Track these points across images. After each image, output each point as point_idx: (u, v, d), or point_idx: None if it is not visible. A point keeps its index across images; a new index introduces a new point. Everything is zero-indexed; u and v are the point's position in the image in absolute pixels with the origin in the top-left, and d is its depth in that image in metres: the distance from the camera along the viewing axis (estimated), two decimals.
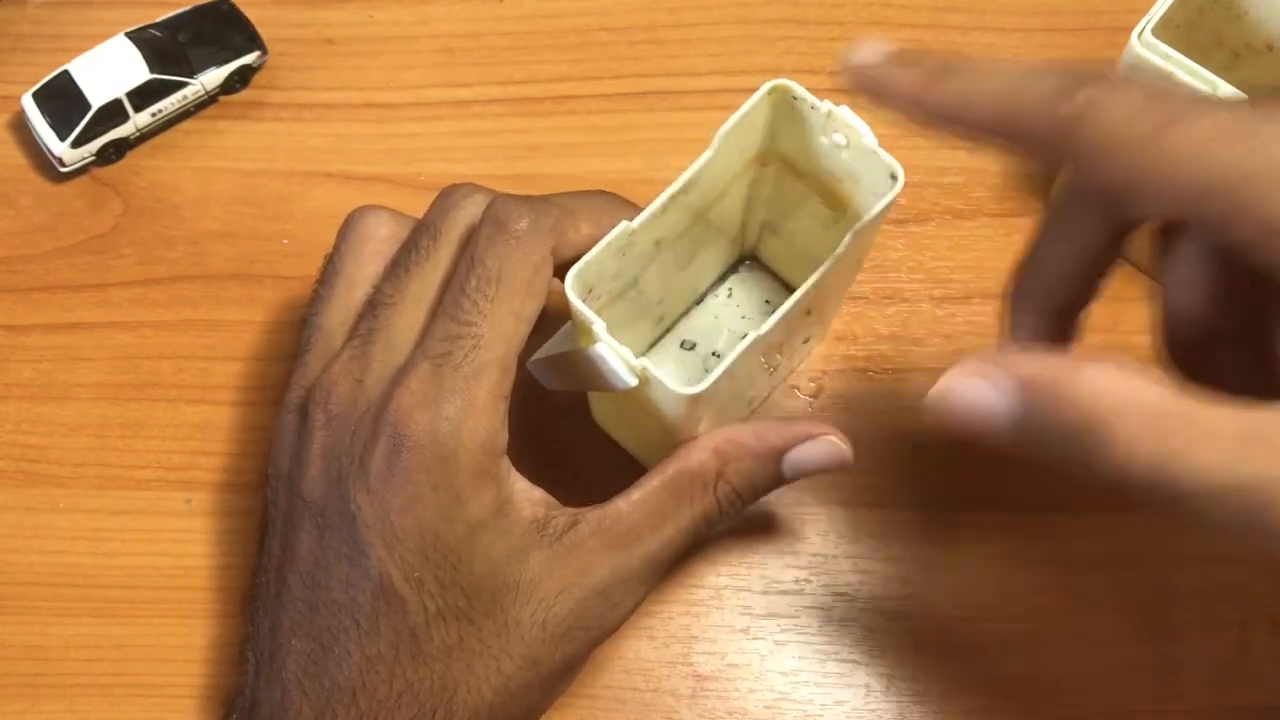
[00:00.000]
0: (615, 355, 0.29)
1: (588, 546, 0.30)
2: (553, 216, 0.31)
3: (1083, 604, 0.37)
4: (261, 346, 0.41)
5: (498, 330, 0.29)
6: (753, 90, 0.46)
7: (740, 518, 0.38)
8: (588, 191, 0.33)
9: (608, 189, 0.44)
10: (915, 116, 0.26)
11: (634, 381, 0.30)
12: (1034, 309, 0.30)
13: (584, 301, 0.30)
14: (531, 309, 0.30)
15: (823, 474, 0.33)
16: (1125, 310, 0.42)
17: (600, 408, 0.38)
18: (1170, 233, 0.27)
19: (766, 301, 0.40)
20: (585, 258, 0.30)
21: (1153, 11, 0.36)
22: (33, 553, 0.38)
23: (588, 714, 0.36)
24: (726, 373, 0.30)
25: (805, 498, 0.39)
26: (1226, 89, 0.34)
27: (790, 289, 0.41)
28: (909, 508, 0.39)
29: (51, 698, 0.36)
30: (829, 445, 0.32)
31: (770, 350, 0.33)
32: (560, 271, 0.31)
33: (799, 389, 0.40)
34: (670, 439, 0.33)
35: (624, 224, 0.31)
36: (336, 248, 0.34)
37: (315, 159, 0.44)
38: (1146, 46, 0.35)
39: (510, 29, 0.46)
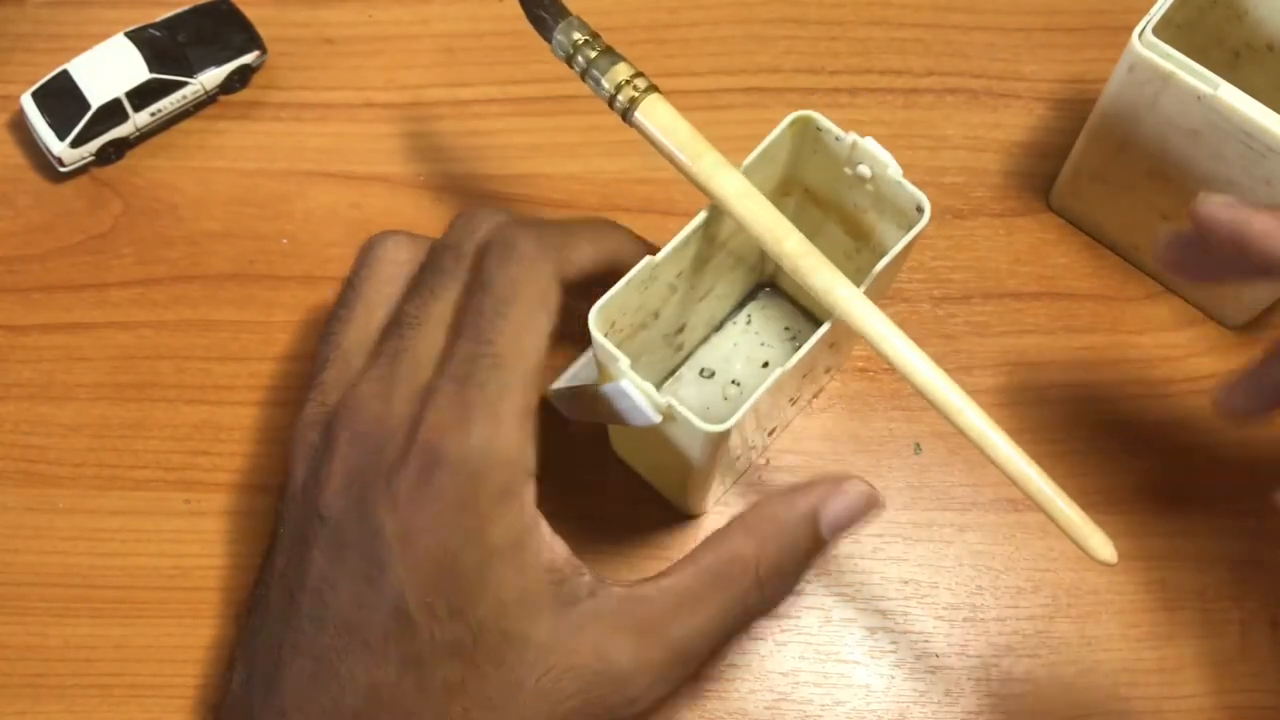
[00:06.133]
0: (639, 392, 0.29)
1: (606, 624, 0.29)
2: (556, 236, 0.32)
3: (1083, 604, 0.37)
4: (261, 346, 0.41)
5: (515, 347, 0.30)
6: (753, 89, 0.46)
7: None
8: (590, 218, 0.34)
9: (608, 188, 0.44)
10: (1267, 261, 0.29)
11: (658, 418, 0.29)
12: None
13: (606, 335, 0.30)
14: (545, 324, 0.30)
15: (859, 525, 0.31)
16: (1127, 310, 0.42)
17: (620, 439, 0.38)
18: None
19: (786, 328, 0.40)
20: (609, 294, 0.30)
21: (1153, 11, 0.36)
22: (33, 553, 0.38)
23: None
24: (751, 408, 0.29)
25: None
26: (1227, 89, 0.34)
27: (810, 315, 0.40)
28: (909, 508, 0.39)
29: (51, 698, 0.36)
30: (858, 490, 0.30)
31: (793, 382, 0.32)
32: (567, 290, 0.31)
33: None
34: (692, 472, 0.33)
35: (647, 259, 0.31)
36: (356, 272, 0.34)
37: (315, 159, 0.44)
38: (1147, 46, 0.35)
39: (510, 29, 0.46)
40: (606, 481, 0.39)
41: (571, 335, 0.32)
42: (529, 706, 0.28)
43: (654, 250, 0.32)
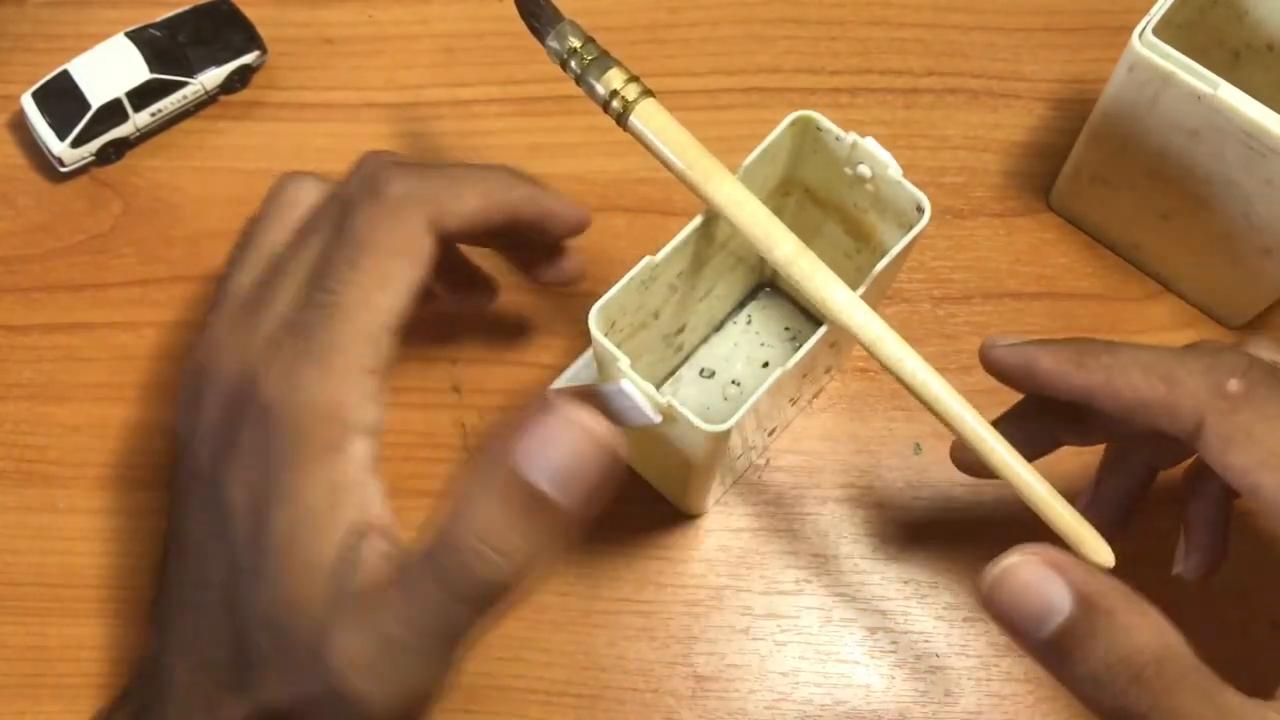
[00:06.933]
0: (640, 392, 0.29)
1: (359, 621, 0.26)
2: (432, 183, 0.30)
3: None
4: None
5: (362, 299, 0.28)
6: (753, 89, 0.46)
7: (731, 519, 0.38)
8: (485, 165, 0.33)
9: (608, 189, 0.44)
10: (1065, 394, 0.29)
11: (658, 419, 0.29)
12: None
13: (606, 335, 0.30)
14: (403, 276, 0.29)
15: (599, 476, 0.25)
16: (1127, 310, 0.42)
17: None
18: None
19: (786, 328, 0.40)
20: (609, 293, 0.30)
21: (1153, 11, 0.36)
22: (33, 553, 0.38)
23: (588, 714, 0.36)
24: (751, 408, 0.29)
25: (805, 497, 0.39)
26: (1227, 89, 0.34)
27: (810, 315, 0.40)
28: (909, 508, 0.39)
29: (51, 698, 0.36)
30: (562, 422, 0.25)
31: (793, 382, 0.32)
32: (445, 240, 0.30)
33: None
34: (693, 472, 0.33)
35: (647, 259, 0.31)
36: (261, 210, 0.32)
37: (315, 159, 0.44)
38: (1147, 46, 0.35)
39: (510, 29, 0.46)
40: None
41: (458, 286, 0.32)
42: (309, 671, 0.26)
43: (559, 201, 0.32)
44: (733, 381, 0.39)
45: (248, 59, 0.45)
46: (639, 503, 0.38)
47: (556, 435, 0.25)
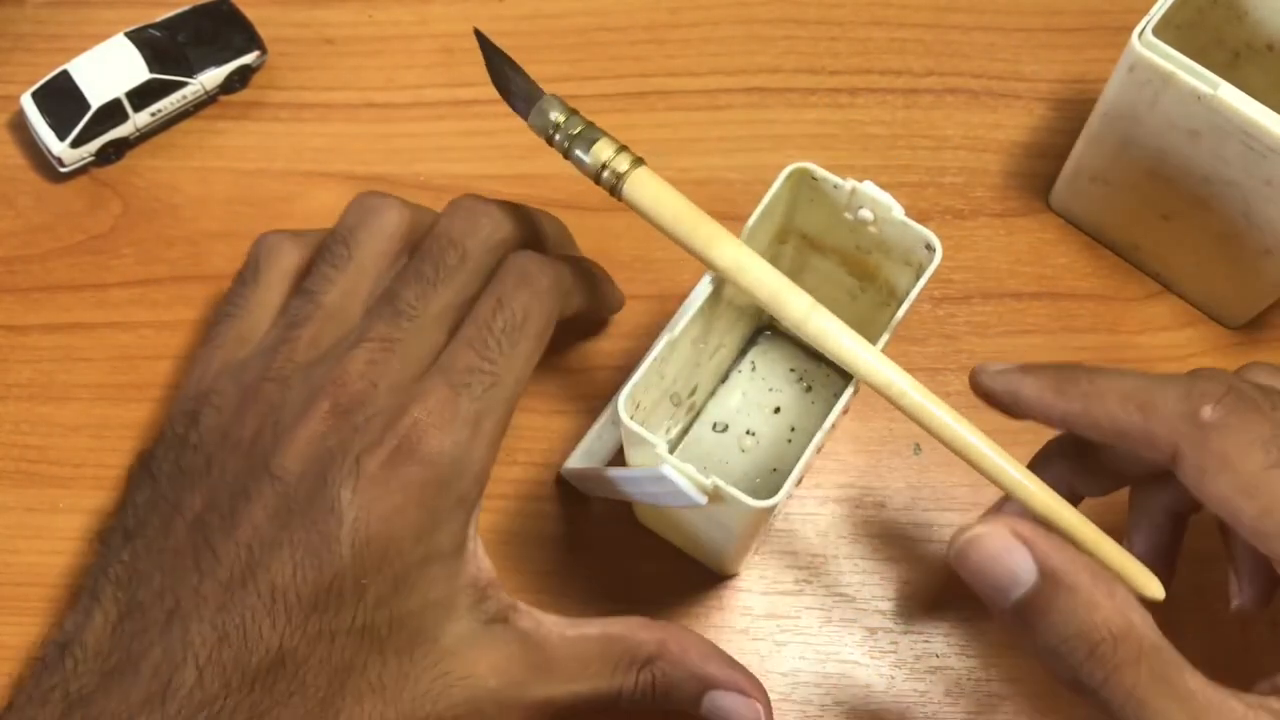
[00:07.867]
0: (682, 477, 0.28)
1: (505, 652, 0.30)
2: (566, 279, 0.34)
3: None
4: None
5: (512, 373, 0.31)
6: (753, 89, 0.46)
7: None
8: (581, 257, 0.36)
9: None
10: (1048, 421, 0.29)
11: (703, 501, 0.28)
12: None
13: (632, 418, 0.29)
14: (538, 358, 0.33)
15: None
16: (1127, 310, 0.42)
17: (647, 510, 0.37)
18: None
19: (791, 369, 0.40)
20: (634, 379, 0.30)
21: (1153, 11, 0.36)
22: (33, 553, 0.38)
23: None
24: (794, 480, 0.29)
25: (805, 497, 0.39)
26: (1227, 89, 0.34)
27: (813, 354, 0.40)
28: (909, 508, 0.39)
29: None
30: (749, 708, 0.31)
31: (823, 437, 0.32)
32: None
33: None
34: (734, 541, 0.33)
35: (666, 338, 0.31)
36: (351, 230, 0.34)
37: (315, 159, 0.44)
38: (1147, 46, 0.35)
39: (510, 29, 0.46)
40: (634, 545, 0.38)
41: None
42: (416, 701, 0.29)
43: (613, 289, 0.34)
44: (747, 432, 0.39)
45: (247, 59, 0.45)
46: (669, 563, 0.38)
47: (739, 705, 0.32)
